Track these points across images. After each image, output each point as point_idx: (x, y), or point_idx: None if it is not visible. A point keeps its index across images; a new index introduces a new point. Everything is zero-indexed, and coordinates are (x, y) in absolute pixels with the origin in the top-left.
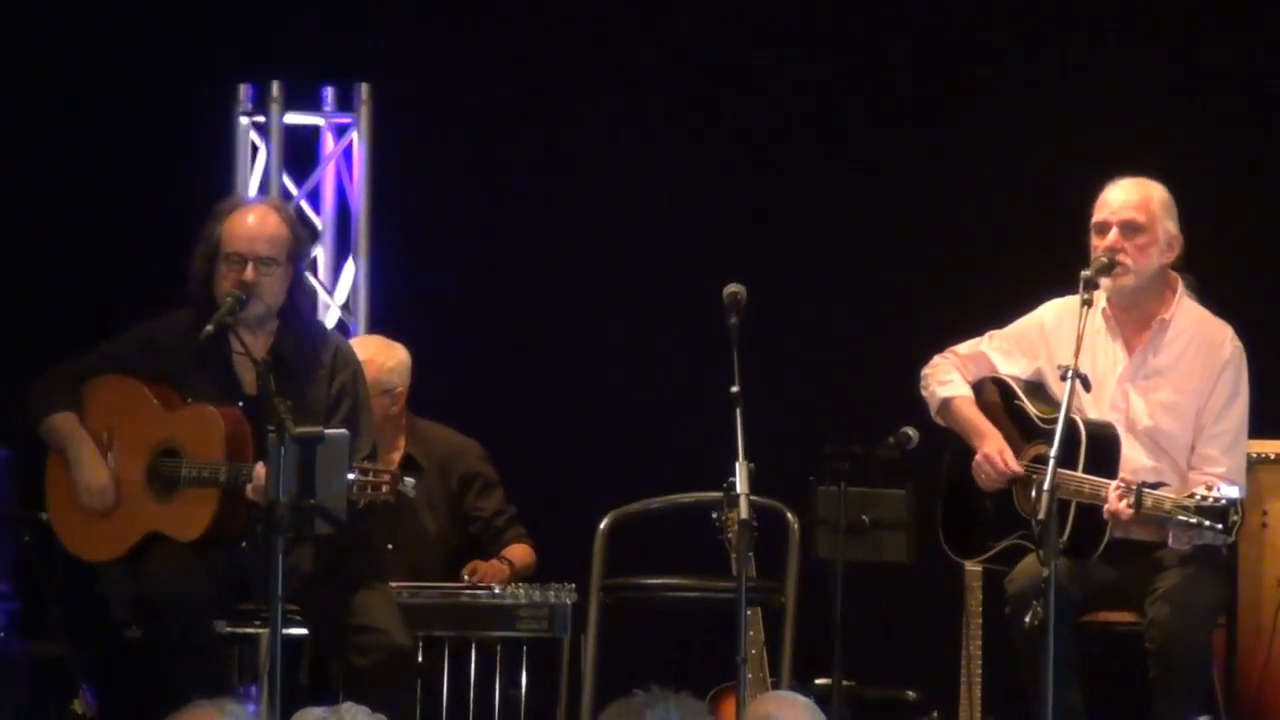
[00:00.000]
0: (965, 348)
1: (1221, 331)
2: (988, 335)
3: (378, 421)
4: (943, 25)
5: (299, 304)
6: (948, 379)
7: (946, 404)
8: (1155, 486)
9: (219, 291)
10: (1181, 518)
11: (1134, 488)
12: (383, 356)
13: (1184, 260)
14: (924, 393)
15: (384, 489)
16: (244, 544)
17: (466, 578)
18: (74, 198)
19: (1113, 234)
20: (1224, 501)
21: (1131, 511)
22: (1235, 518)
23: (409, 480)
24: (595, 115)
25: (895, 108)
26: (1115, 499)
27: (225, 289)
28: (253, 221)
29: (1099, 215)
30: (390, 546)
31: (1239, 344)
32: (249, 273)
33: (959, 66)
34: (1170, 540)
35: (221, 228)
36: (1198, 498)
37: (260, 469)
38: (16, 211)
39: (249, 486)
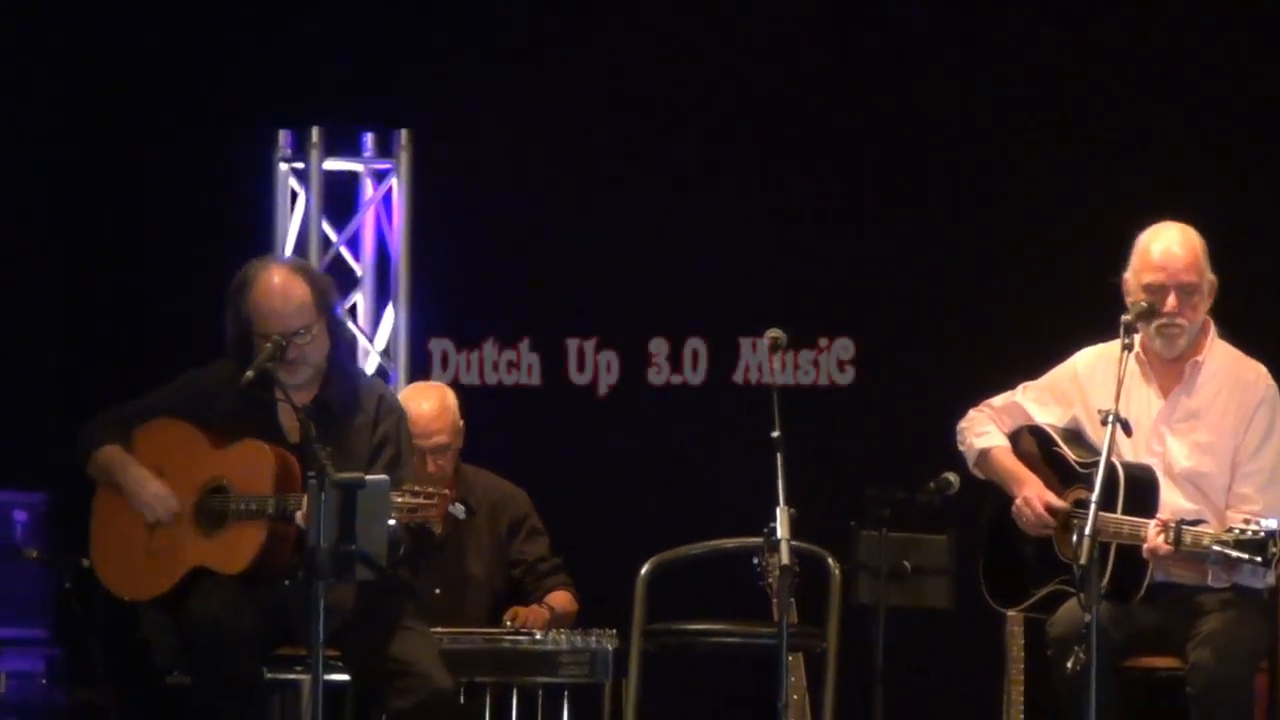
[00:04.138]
0: (999, 400)
1: (1254, 371)
2: (1021, 387)
3: (446, 465)
4: (978, 74)
5: (339, 352)
6: (984, 430)
7: (984, 455)
8: (1194, 523)
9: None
10: (1219, 549)
11: (1173, 525)
12: (451, 400)
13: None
14: (961, 447)
15: (434, 510)
16: (287, 582)
17: (508, 623)
18: (113, 244)
19: (1171, 299)
20: (1263, 534)
21: (1170, 547)
22: (1275, 550)
23: (459, 505)
24: (634, 161)
25: (933, 161)
26: (1154, 535)
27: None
28: (278, 298)
29: (1152, 276)
30: (438, 591)
31: (1272, 383)
32: (291, 352)
33: (990, 118)
34: (1210, 578)
35: (249, 305)
36: (1236, 532)
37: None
38: (54, 259)
39: (299, 514)
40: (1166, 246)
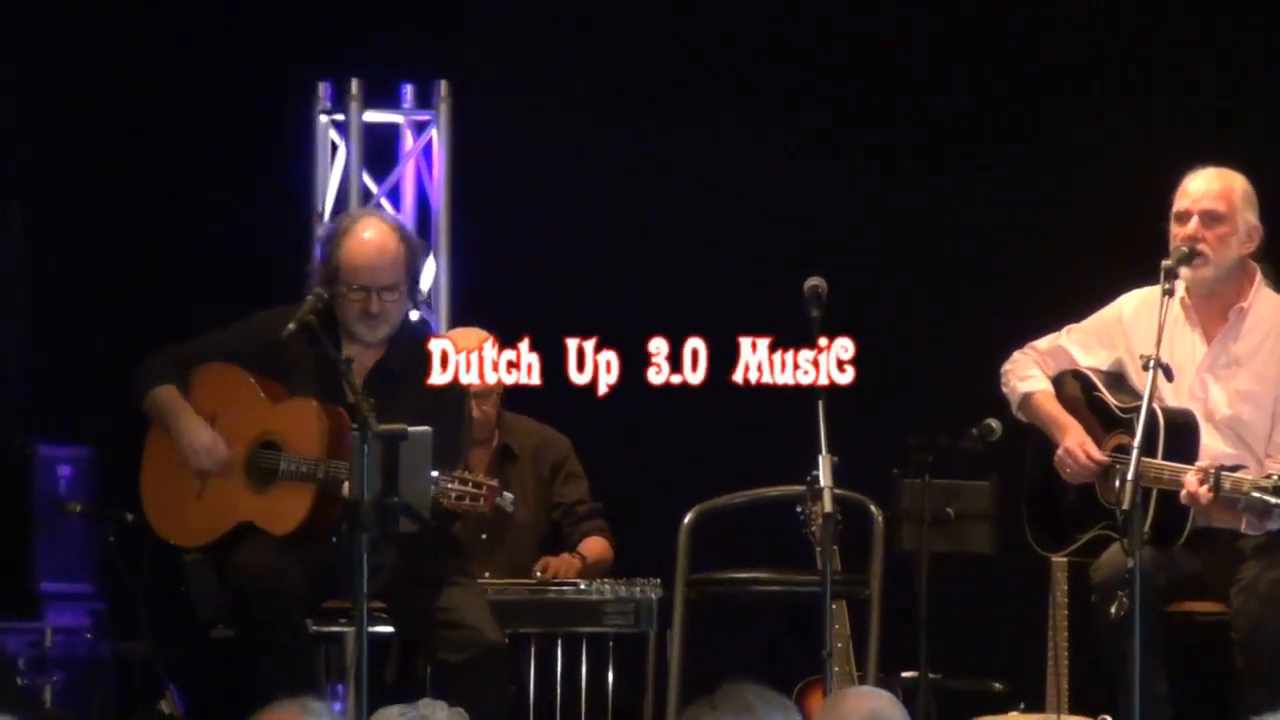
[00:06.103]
0: (1044, 343)
1: None
2: (1066, 330)
3: (490, 411)
4: (976, 66)
5: (411, 317)
6: (1028, 374)
7: (1027, 399)
8: (1234, 469)
9: (343, 313)
10: (1258, 495)
11: (1212, 471)
12: (494, 346)
13: (1263, 250)
14: (1004, 389)
15: (482, 501)
16: (333, 539)
17: (538, 574)
18: (154, 197)
19: (1193, 223)
20: None
21: (1210, 495)
22: None
23: (508, 495)
24: (677, 112)
25: (977, 105)
26: (1193, 482)
27: (353, 315)
28: (375, 251)
29: (1180, 204)
30: (485, 536)
31: None
32: (374, 305)
33: (1035, 64)
34: (1244, 525)
35: (341, 253)
36: (1275, 479)
37: None
38: (97, 210)
39: (346, 484)
40: (1198, 178)
